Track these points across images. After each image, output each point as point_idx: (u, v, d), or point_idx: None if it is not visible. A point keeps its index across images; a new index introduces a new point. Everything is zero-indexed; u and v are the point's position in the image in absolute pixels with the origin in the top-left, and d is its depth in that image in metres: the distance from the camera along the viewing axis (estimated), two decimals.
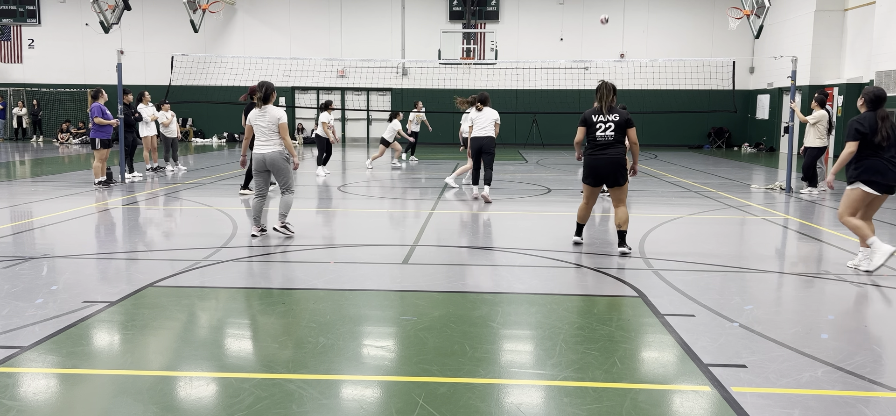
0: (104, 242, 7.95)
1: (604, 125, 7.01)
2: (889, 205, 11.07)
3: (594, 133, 7.06)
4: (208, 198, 11.28)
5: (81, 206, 10.26)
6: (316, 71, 26.14)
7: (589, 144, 7.16)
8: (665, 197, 11.95)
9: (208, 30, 26.73)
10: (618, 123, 7.01)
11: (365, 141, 28.00)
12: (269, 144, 7.81)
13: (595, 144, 7.07)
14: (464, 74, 25.87)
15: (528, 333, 4.78)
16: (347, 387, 3.82)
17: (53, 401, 3.65)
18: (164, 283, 5.90)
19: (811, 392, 3.74)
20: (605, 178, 7.11)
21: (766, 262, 7.12)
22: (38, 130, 27.44)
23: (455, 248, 7.63)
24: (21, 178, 14.23)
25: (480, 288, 5.90)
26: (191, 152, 22.15)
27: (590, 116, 7.11)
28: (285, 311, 5.18)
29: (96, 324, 4.82)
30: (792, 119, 12.88)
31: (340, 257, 7.07)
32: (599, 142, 7.04)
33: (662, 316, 5.05)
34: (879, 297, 5.83)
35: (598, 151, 7.06)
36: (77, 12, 27.25)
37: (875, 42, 18.82)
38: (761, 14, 21.58)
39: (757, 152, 24.36)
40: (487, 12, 26.64)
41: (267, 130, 7.78)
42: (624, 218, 7.19)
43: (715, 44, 26.13)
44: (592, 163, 7.12)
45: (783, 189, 12.78)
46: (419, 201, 11.09)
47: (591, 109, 7.18)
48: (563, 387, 3.80)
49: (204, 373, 3.99)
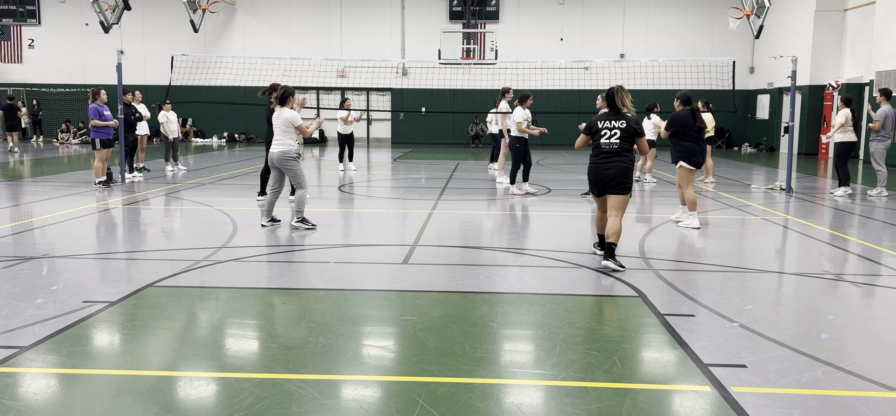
0: (104, 242, 7.96)
1: (610, 132, 6.59)
2: (890, 205, 11.07)
3: (599, 140, 6.64)
4: (208, 198, 11.28)
5: (81, 206, 10.26)
6: (316, 71, 26.13)
7: (594, 152, 6.74)
8: (665, 197, 11.95)
9: (208, 30, 26.73)
10: (625, 130, 6.55)
11: (365, 141, 28.00)
12: (279, 144, 8.35)
13: (600, 151, 6.64)
14: (464, 74, 25.87)
15: (528, 333, 4.78)
16: (347, 387, 3.82)
17: (53, 401, 3.65)
18: (164, 283, 5.90)
19: (811, 392, 3.74)
20: (608, 186, 6.60)
21: (766, 262, 7.12)
22: (38, 130, 27.44)
23: (455, 248, 7.63)
24: (21, 178, 14.23)
25: (480, 288, 5.90)
26: (191, 152, 22.15)
27: (595, 123, 6.72)
28: (285, 311, 5.18)
29: (96, 324, 4.82)
30: (792, 119, 12.85)
31: (340, 257, 7.07)
32: (604, 150, 6.59)
33: (662, 316, 5.05)
34: (879, 297, 5.83)
35: (602, 160, 6.60)
36: (77, 12, 27.26)
37: (875, 42, 18.82)
38: (761, 14, 21.57)
39: (757, 152, 24.36)
40: (487, 12, 26.64)
41: (280, 130, 8.33)
42: (615, 229, 6.51)
43: (715, 44, 26.13)
44: (596, 171, 6.67)
45: (783, 189, 12.78)
46: (419, 201, 11.09)
47: (599, 115, 6.82)
48: (563, 387, 3.80)
49: (204, 373, 3.99)
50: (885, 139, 12.05)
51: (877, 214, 10.19)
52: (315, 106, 27.62)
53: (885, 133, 12.00)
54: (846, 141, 12.10)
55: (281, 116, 8.29)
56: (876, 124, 11.94)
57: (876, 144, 12.10)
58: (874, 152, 12.14)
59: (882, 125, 11.89)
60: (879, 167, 12.13)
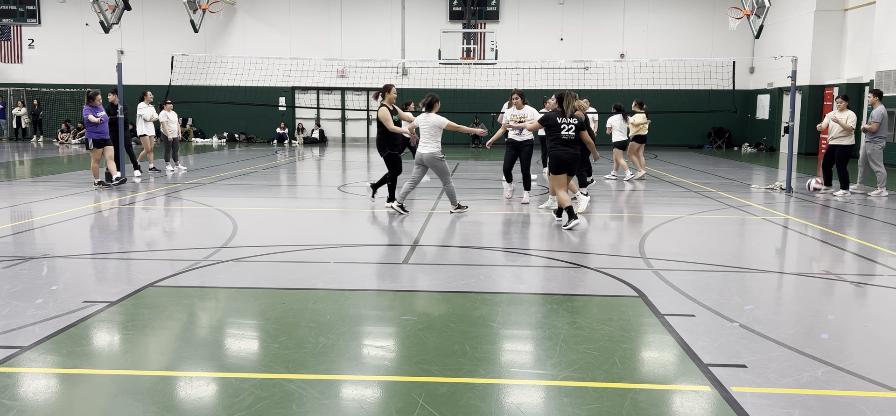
0: (104, 242, 7.96)
1: (567, 126, 8.57)
2: (890, 205, 11.07)
3: (559, 132, 8.57)
4: (208, 198, 11.28)
5: (81, 206, 10.26)
6: (316, 71, 26.14)
7: (554, 141, 8.64)
8: (665, 197, 11.95)
9: (208, 30, 26.73)
10: (577, 125, 8.62)
11: (365, 141, 28.01)
12: (428, 146, 9.26)
13: (560, 141, 8.61)
14: (464, 74, 25.87)
15: (528, 333, 4.78)
16: (347, 387, 3.82)
17: (53, 401, 3.65)
18: (164, 283, 5.90)
19: (811, 392, 3.74)
20: (569, 166, 8.66)
21: (766, 262, 7.12)
22: (38, 130, 27.45)
23: (455, 248, 7.64)
24: (21, 178, 14.24)
25: (480, 288, 5.90)
26: (191, 152, 22.15)
27: (554, 118, 8.64)
28: (285, 311, 5.18)
29: (96, 324, 4.82)
30: (792, 119, 12.85)
31: (340, 257, 7.07)
32: (564, 140, 8.60)
33: (662, 316, 5.05)
34: (879, 297, 5.83)
35: (565, 146, 8.61)
36: (77, 12, 27.26)
37: (875, 42, 18.82)
38: (761, 14, 21.58)
39: (757, 152, 24.36)
40: (487, 12, 26.64)
41: (427, 133, 9.24)
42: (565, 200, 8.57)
43: (715, 44, 26.13)
44: (562, 155, 8.62)
45: (783, 189, 12.78)
46: (419, 201, 11.09)
47: (555, 112, 8.72)
48: (563, 387, 3.80)
49: (204, 373, 3.99)
50: (882, 140, 12.08)
51: (877, 214, 10.19)
52: (315, 106, 27.64)
53: (882, 134, 12.03)
54: (848, 144, 12.12)
55: (428, 120, 9.19)
56: (873, 125, 11.96)
57: (873, 146, 12.12)
58: (872, 154, 12.15)
59: (879, 126, 11.92)
60: (878, 168, 12.14)
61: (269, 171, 16.22)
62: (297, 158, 20.27)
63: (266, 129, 27.86)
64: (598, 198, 11.73)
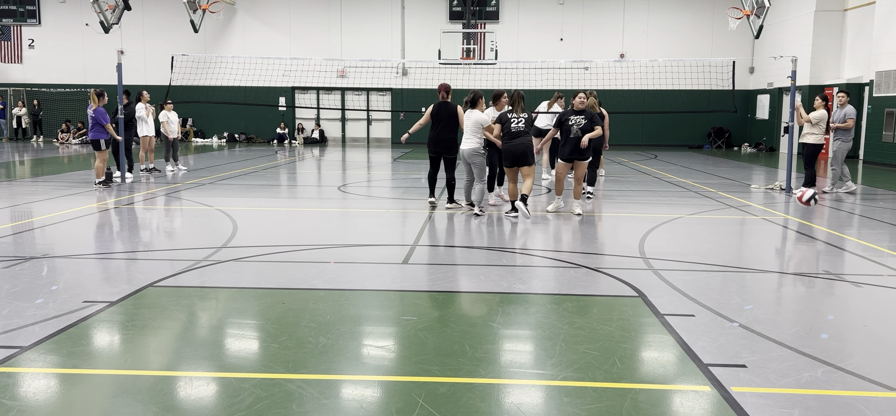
0: (104, 242, 7.96)
1: (516, 121, 9.21)
2: (890, 206, 11.07)
3: (509, 127, 9.17)
4: (208, 198, 11.28)
5: (81, 206, 10.26)
6: (316, 71, 26.14)
7: (505, 135, 9.22)
8: (665, 197, 11.95)
9: (208, 30, 26.73)
10: (526, 120, 9.31)
11: (365, 141, 28.02)
12: (470, 142, 9.54)
13: (510, 134, 9.17)
14: (464, 74, 25.87)
15: (528, 333, 4.78)
16: (347, 387, 3.82)
17: (53, 401, 3.65)
18: (164, 283, 5.90)
19: (811, 392, 3.74)
20: (520, 158, 9.12)
21: (766, 262, 7.12)
22: (38, 130, 27.45)
23: (455, 248, 7.64)
24: (21, 178, 14.24)
25: (480, 288, 5.90)
26: (191, 152, 22.15)
27: (505, 115, 9.32)
28: (285, 311, 5.18)
29: (96, 324, 4.82)
30: (792, 119, 12.87)
31: (340, 257, 7.07)
32: (514, 133, 9.17)
33: (662, 316, 5.05)
34: (879, 297, 5.82)
35: (513, 140, 9.14)
36: (77, 12, 27.26)
37: (875, 42, 18.83)
38: (761, 14, 21.57)
39: (757, 152, 24.36)
40: (487, 12, 26.64)
41: (469, 129, 9.54)
42: (529, 187, 9.16)
43: (715, 44, 26.13)
44: (510, 148, 9.16)
45: (783, 189, 12.78)
46: (419, 201, 11.09)
47: (506, 110, 9.40)
48: (563, 387, 3.80)
49: (204, 373, 3.99)
50: (849, 140, 12.20)
51: (876, 214, 10.19)
52: (315, 106, 27.63)
53: (851, 134, 12.11)
54: (817, 143, 12.19)
55: (471, 117, 9.49)
56: (849, 123, 12.02)
57: (841, 144, 12.18)
58: (837, 152, 12.22)
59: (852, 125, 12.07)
60: (835, 167, 12.32)
61: (269, 171, 16.22)
62: (297, 159, 20.27)
63: (266, 129, 27.86)
64: (599, 198, 11.74)
